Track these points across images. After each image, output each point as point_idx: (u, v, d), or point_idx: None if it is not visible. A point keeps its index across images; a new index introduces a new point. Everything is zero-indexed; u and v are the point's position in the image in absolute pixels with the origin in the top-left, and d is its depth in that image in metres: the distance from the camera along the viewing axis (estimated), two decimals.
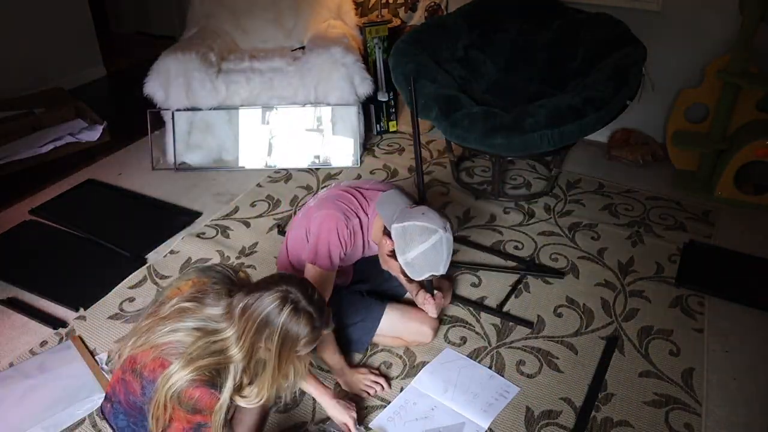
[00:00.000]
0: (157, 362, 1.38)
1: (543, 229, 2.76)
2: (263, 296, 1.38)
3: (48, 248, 2.63)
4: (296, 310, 1.38)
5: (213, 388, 1.37)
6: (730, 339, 2.17)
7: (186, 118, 3.20)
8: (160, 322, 1.42)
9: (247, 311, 1.38)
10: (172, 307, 1.43)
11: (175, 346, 1.37)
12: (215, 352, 1.38)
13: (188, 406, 1.35)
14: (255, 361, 1.42)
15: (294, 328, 1.39)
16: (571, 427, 1.84)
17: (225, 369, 1.39)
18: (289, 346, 1.40)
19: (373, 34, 3.45)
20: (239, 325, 1.38)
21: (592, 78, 2.65)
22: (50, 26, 4.05)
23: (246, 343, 1.38)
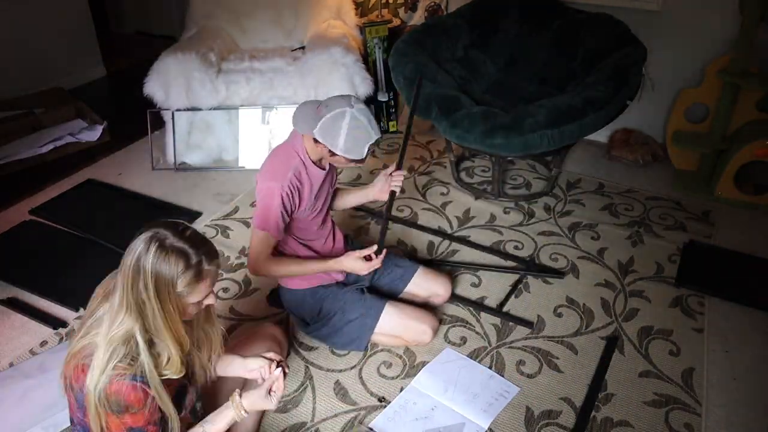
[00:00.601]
0: (79, 369, 1.31)
1: (543, 229, 2.76)
2: (132, 246, 1.28)
3: (48, 248, 2.63)
4: (163, 248, 1.26)
5: (134, 380, 1.27)
6: (730, 339, 2.17)
7: (186, 118, 3.21)
8: (77, 334, 1.36)
9: (122, 266, 1.28)
10: (85, 314, 1.39)
11: (89, 347, 1.30)
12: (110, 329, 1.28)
13: (115, 405, 1.26)
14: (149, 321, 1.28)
15: (165, 267, 1.26)
16: (571, 427, 1.84)
17: (134, 346, 1.28)
18: (166, 287, 1.27)
19: (373, 34, 3.46)
20: (119, 283, 1.28)
21: (592, 78, 2.65)
22: (50, 26, 4.05)
23: (128, 299, 1.26)
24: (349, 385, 1.98)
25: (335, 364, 2.05)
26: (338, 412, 1.88)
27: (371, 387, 1.97)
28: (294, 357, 2.08)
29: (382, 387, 1.97)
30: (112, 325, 1.27)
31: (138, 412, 1.29)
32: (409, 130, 2.19)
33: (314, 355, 2.09)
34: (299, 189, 1.88)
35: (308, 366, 2.04)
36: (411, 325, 2.07)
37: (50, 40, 4.07)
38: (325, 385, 1.98)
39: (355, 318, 2.03)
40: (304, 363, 2.06)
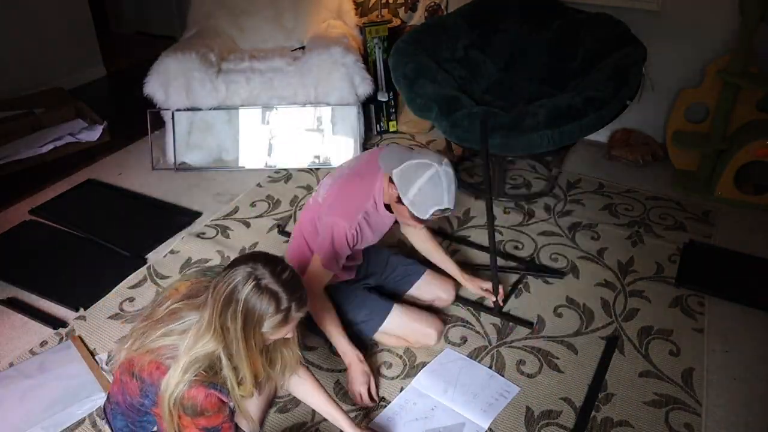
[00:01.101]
0: (153, 365, 1.37)
1: (543, 229, 2.76)
2: (230, 274, 1.33)
3: (48, 248, 2.63)
4: (259, 287, 1.31)
5: (212, 388, 1.35)
6: (730, 339, 2.17)
7: (186, 118, 3.21)
8: (154, 326, 1.40)
9: (216, 290, 1.33)
10: (165, 309, 1.42)
11: (170, 349, 1.36)
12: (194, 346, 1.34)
13: (190, 409, 1.34)
14: (231, 346, 1.36)
15: (257, 305, 1.31)
16: (571, 427, 1.84)
17: (218, 362, 1.36)
18: (252, 324, 1.33)
19: (373, 34, 3.46)
20: (210, 305, 1.33)
21: (592, 78, 2.65)
22: (50, 26, 4.05)
23: (215, 324, 1.32)
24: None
25: (335, 364, 2.05)
26: None
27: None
28: None
29: (382, 387, 1.97)
30: (196, 344, 1.33)
31: (213, 415, 1.36)
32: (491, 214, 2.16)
33: (314, 355, 2.09)
34: (364, 231, 1.89)
35: (308, 366, 2.04)
36: (416, 327, 2.08)
37: (50, 40, 4.07)
38: (325, 385, 1.96)
39: (361, 320, 2.03)
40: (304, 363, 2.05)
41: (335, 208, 1.87)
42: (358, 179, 1.91)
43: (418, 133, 3.65)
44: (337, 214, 1.84)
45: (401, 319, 2.05)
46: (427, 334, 2.09)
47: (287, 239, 2.67)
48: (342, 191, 1.90)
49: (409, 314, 2.08)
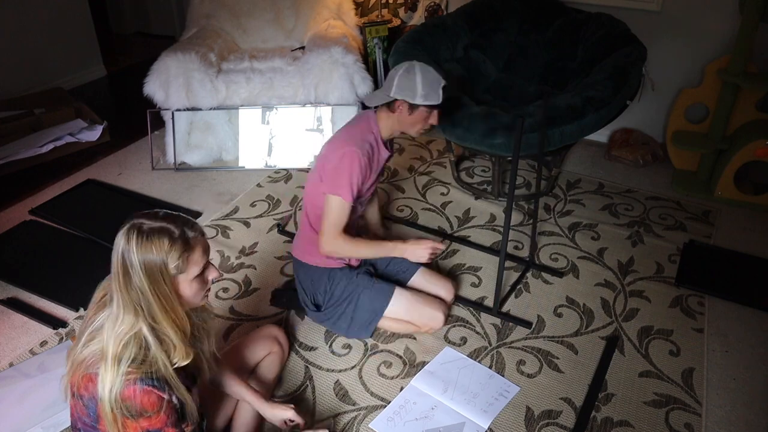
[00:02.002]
0: (86, 378, 1.28)
1: (543, 229, 2.76)
2: (114, 247, 1.24)
3: (48, 248, 2.63)
4: (142, 234, 1.23)
5: (146, 383, 1.25)
6: (730, 339, 2.17)
7: (186, 118, 3.21)
8: (78, 342, 1.34)
9: (112, 268, 1.25)
10: (85, 320, 1.37)
11: (95, 356, 1.28)
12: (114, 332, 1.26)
13: (130, 410, 1.25)
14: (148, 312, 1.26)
15: (151, 251, 1.23)
16: (571, 427, 1.84)
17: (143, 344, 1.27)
18: (159, 272, 1.24)
19: (373, 34, 3.46)
20: (114, 286, 1.25)
21: (591, 78, 2.65)
22: (50, 26, 4.05)
23: (125, 299, 1.24)
24: (349, 385, 1.98)
25: (335, 364, 2.05)
26: (338, 412, 1.88)
27: (371, 387, 1.97)
28: (294, 357, 2.08)
29: (382, 387, 1.97)
30: (115, 328, 1.25)
31: (153, 416, 1.28)
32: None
33: (314, 355, 2.09)
34: (370, 161, 1.95)
35: (308, 366, 2.04)
36: (422, 309, 2.09)
37: (50, 40, 4.07)
38: (325, 385, 1.98)
39: (364, 302, 2.06)
40: (304, 363, 2.05)
41: (337, 143, 1.93)
42: (354, 125, 2.01)
43: None
44: (344, 145, 1.90)
45: (407, 300, 2.07)
46: (435, 317, 2.10)
47: (288, 239, 2.67)
48: (339, 136, 1.98)
49: (414, 296, 2.10)
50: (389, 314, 2.07)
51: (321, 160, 1.98)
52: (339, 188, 1.88)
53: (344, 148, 1.89)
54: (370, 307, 2.06)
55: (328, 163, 1.92)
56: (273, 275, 2.46)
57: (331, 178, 1.90)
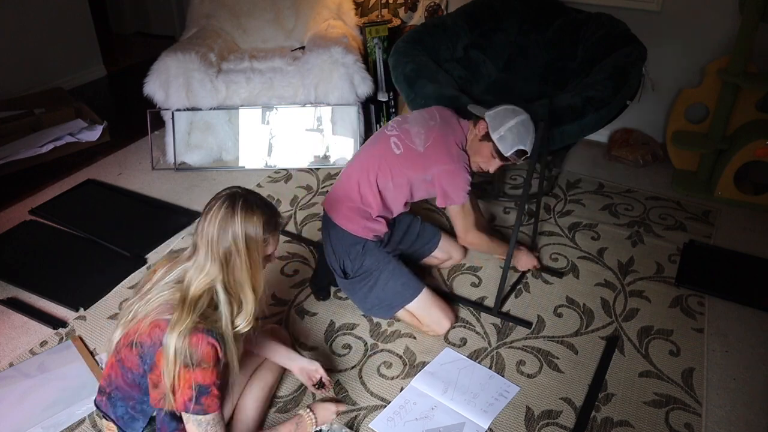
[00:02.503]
0: (153, 325, 1.38)
1: (543, 229, 2.76)
2: (212, 207, 1.41)
3: (48, 248, 2.63)
4: (248, 203, 1.41)
5: (212, 335, 1.37)
6: (730, 339, 2.17)
7: (186, 118, 3.21)
8: (143, 297, 1.44)
9: (205, 225, 1.39)
10: (144, 284, 1.48)
11: (167, 306, 1.39)
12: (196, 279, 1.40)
13: (190, 357, 1.34)
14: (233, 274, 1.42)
15: (252, 218, 1.40)
16: (571, 427, 1.84)
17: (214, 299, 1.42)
18: (254, 240, 1.41)
19: (373, 34, 3.46)
20: (202, 242, 1.40)
21: (592, 78, 2.65)
22: (50, 26, 4.05)
23: (215, 254, 1.39)
24: (349, 385, 1.98)
25: (335, 365, 2.05)
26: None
27: (371, 387, 1.97)
28: None
29: (381, 387, 1.97)
30: (199, 276, 1.39)
31: (208, 369, 1.37)
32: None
33: (314, 355, 2.09)
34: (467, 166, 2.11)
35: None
36: (435, 314, 2.14)
37: (50, 40, 4.08)
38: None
39: (395, 286, 2.11)
40: None
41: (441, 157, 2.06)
42: (449, 128, 2.14)
43: None
44: (449, 161, 2.06)
45: (427, 302, 2.13)
46: (442, 324, 2.14)
47: (288, 239, 2.67)
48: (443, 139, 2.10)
49: (433, 300, 2.15)
50: (408, 306, 2.13)
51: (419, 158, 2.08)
52: (458, 199, 2.09)
53: (450, 164, 2.05)
54: (398, 293, 2.12)
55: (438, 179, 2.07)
56: (273, 275, 2.46)
57: (448, 194, 2.08)
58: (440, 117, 2.17)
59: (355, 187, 2.11)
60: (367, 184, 2.09)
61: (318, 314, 2.27)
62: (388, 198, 2.13)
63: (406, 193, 2.14)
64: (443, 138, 2.09)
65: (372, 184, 2.09)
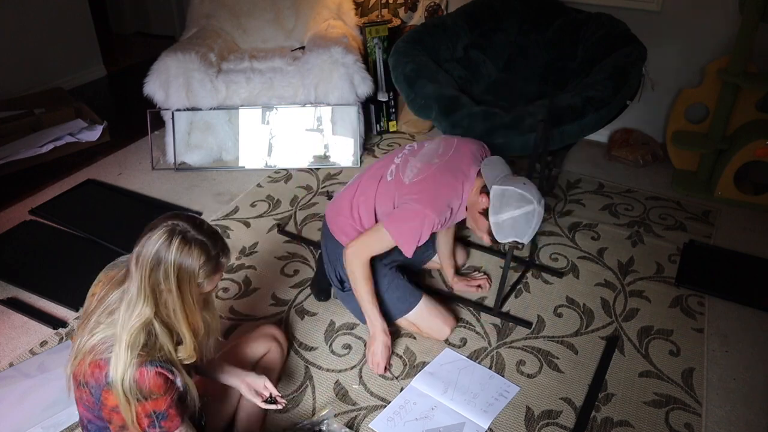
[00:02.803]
0: (93, 365, 1.32)
1: (543, 229, 2.76)
2: (150, 237, 1.31)
3: (48, 248, 2.63)
4: (186, 240, 1.30)
5: (154, 365, 1.31)
6: (730, 339, 2.17)
7: (186, 118, 3.21)
8: (84, 327, 1.37)
9: (140, 257, 1.30)
10: (86, 313, 1.40)
11: (103, 344, 1.32)
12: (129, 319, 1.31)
13: (141, 392, 1.30)
14: (166, 310, 1.34)
15: (187, 260, 1.30)
16: (571, 427, 1.84)
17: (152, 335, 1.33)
18: (188, 280, 1.32)
19: (373, 34, 3.46)
20: (135, 274, 1.30)
21: (592, 78, 2.65)
22: (50, 26, 4.05)
23: (147, 290, 1.30)
24: (349, 385, 1.98)
25: (335, 364, 2.05)
26: (338, 412, 1.88)
27: (371, 387, 1.97)
28: (294, 357, 2.08)
29: (382, 387, 1.97)
30: (131, 317, 1.30)
31: (159, 398, 1.33)
32: None
33: (314, 355, 2.09)
34: (442, 225, 1.92)
35: (308, 366, 2.05)
36: (434, 322, 2.13)
37: (50, 40, 4.07)
38: (325, 385, 1.98)
39: (390, 299, 2.09)
40: (304, 363, 2.06)
41: (426, 196, 1.86)
42: (450, 175, 1.91)
43: (418, 133, 3.65)
44: (429, 206, 1.85)
45: (425, 311, 2.11)
46: (442, 331, 2.14)
47: (288, 239, 2.67)
48: (434, 181, 1.89)
49: (431, 308, 2.13)
50: (405, 316, 2.11)
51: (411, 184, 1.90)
52: (401, 235, 1.86)
53: (425, 207, 1.84)
54: (394, 305, 2.10)
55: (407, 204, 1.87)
56: (273, 275, 2.46)
57: (397, 218, 1.87)
58: (451, 158, 1.95)
59: (356, 205, 2.04)
60: (366, 208, 2.01)
61: (318, 314, 2.27)
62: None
63: None
64: (435, 180, 1.89)
65: (370, 208, 2.01)
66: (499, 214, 1.80)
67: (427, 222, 1.84)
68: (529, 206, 1.78)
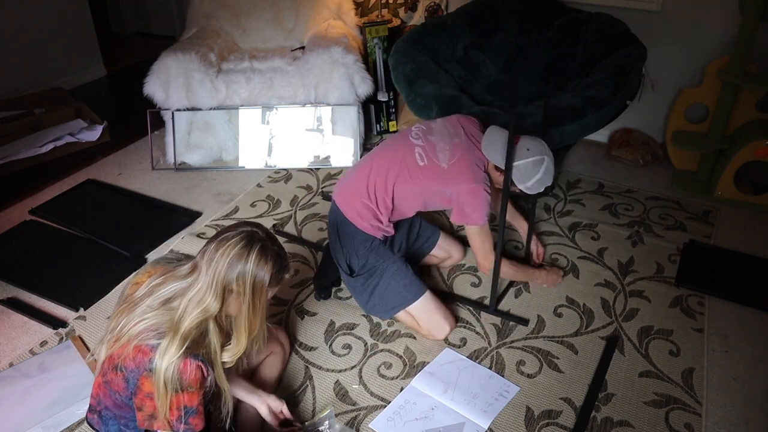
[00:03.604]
0: (137, 350, 1.35)
1: (543, 229, 2.76)
2: (229, 239, 1.38)
3: (48, 248, 2.64)
4: (264, 250, 1.40)
5: (196, 359, 1.35)
6: (730, 339, 2.17)
7: (186, 118, 3.21)
8: (131, 311, 1.40)
9: (215, 255, 1.36)
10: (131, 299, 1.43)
11: (151, 331, 1.35)
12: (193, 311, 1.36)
13: (180, 383, 1.33)
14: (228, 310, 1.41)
15: (262, 270, 1.39)
16: (571, 427, 1.84)
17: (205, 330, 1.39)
18: (260, 284, 1.40)
19: (373, 34, 3.46)
20: (208, 270, 1.36)
21: (592, 78, 2.65)
22: (50, 26, 4.05)
23: (218, 287, 1.36)
24: (349, 385, 1.98)
25: (335, 364, 2.05)
26: (338, 412, 1.88)
27: (371, 387, 1.97)
28: (294, 357, 2.08)
29: (382, 387, 1.97)
30: (194, 309, 1.36)
31: (194, 392, 1.36)
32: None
33: (314, 355, 2.09)
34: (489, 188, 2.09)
35: (308, 366, 2.05)
36: (436, 319, 2.13)
37: (50, 40, 4.07)
38: (325, 385, 1.98)
39: (397, 287, 2.11)
40: (304, 363, 2.06)
41: (469, 175, 2.04)
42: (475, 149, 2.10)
43: None
44: (469, 180, 2.04)
45: (428, 305, 2.13)
46: (441, 327, 2.14)
47: (287, 239, 2.67)
48: (468, 159, 2.07)
49: (435, 304, 2.15)
50: (408, 308, 2.12)
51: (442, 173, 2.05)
52: (477, 219, 2.06)
53: (470, 184, 2.03)
54: (400, 294, 2.11)
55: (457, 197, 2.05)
56: None
57: (467, 213, 2.06)
58: (465, 133, 2.13)
59: (372, 185, 2.08)
60: (383, 187, 2.07)
61: (318, 314, 2.27)
62: (402, 204, 2.11)
63: (420, 203, 2.12)
64: (468, 157, 2.06)
65: (388, 188, 2.07)
66: (526, 182, 2.05)
67: (482, 194, 2.04)
68: (543, 165, 2.02)
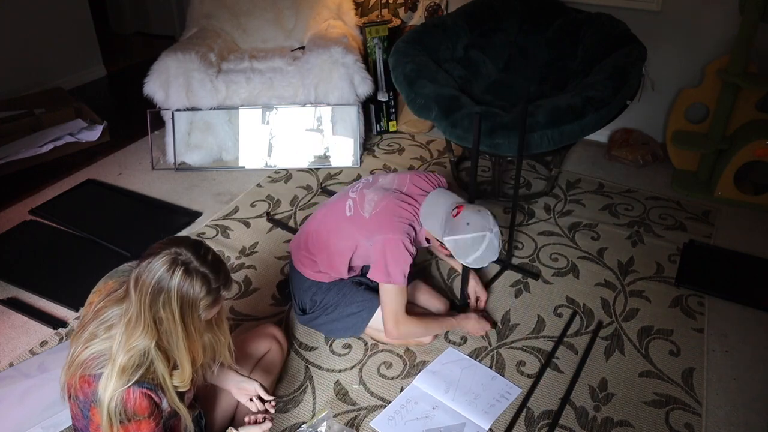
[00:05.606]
0: (83, 381, 1.30)
1: (543, 229, 2.76)
2: (152, 262, 1.27)
3: (48, 248, 2.63)
4: (188, 272, 1.28)
5: (144, 386, 1.30)
6: (730, 339, 2.17)
7: (186, 118, 3.21)
8: (79, 336, 1.35)
9: (139, 281, 1.27)
10: (83, 321, 1.38)
11: (96, 359, 1.30)
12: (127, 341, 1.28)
13: (126, 413, 1.28)
14: (166, 336, 1.31)
15: (190, 290, 1.28)
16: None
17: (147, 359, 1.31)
18: (189, 309, 1.30)
19: (373, 34, 3.46)
20: (135, 298, 1.27)
21: (592, 78, 2.65)
22: (50, 26, 4.05)
23: (148, 318, 1.27)
24: (349, 385, 1.98)
25: (335, 364, 2.05)
26: (338, 412, 1.88)
27: (371, 387, 1.97)
28: (294, 357, 2.08)
29: (382, 387, 1.97)
30: (129, 339, 1.28)
31: (142, 420, 1.30)
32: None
33: (314, 355, 2.09)
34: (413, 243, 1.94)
35: (308, 366, 2.05)
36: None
37: (50, 40, 4.07)
38: (325, 385, 1.98)
39: (353, 312, 2.06)
40: (304, 363, 2.06)
41: (379, 228, 1.91)
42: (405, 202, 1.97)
43: (418, 133, 3.65)
44: (387, 231, 1.90)
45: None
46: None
47: (288, 239, 2.67)
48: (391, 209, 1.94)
49: None
50: (375, 326, 2.06)
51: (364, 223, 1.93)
52: (397, 276, 1.89)
53: (387, 234, 1.89)
54: (358, 316, 2.06)
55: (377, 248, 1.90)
56: (273, 275, 2.46)
57: (382, 269, 1.89)
58: (407, 191, 2.01)
59: (311, 239, 2.05)
60: (323, 240, 2.01)
61: None
62: (336, 260, 2.01)
63: (348, 258, 2.00)
64: (393, 209, 1.93)
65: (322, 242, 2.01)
66: (466, 258, 1.88)
67: (401, 248, 1.88)
68: (485, 241, 1.84)
